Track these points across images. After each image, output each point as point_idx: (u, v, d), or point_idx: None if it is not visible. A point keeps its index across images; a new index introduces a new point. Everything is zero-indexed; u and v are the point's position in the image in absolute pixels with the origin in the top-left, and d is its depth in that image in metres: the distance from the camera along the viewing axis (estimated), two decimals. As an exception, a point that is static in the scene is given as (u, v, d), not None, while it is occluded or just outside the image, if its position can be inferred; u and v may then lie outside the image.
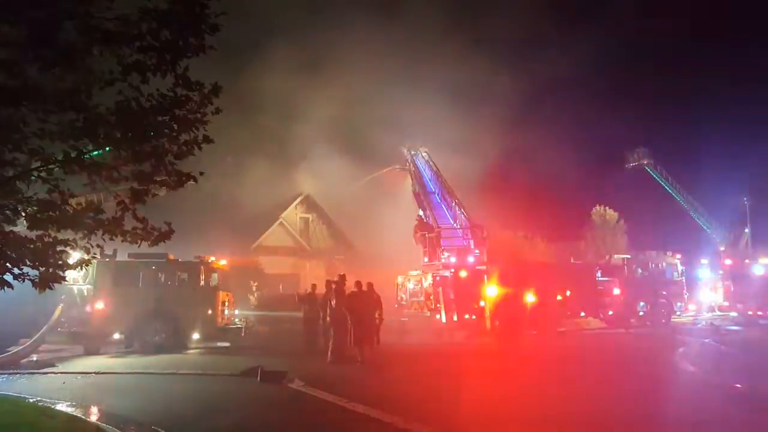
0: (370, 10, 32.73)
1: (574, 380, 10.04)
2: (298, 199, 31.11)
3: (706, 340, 15.51)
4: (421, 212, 20.90)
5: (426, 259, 19.12)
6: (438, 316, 16.92)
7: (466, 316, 16.85)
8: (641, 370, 11.16)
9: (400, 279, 19.37)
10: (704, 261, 25.12)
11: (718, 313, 23.66)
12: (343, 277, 12.66)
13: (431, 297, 17.41)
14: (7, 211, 5.67)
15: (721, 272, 24.21)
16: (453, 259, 17.80)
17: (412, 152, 25.55)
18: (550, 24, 54.11)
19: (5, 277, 5.64)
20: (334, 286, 13.28)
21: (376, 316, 12.30)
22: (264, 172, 27.49)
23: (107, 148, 6.12)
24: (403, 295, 19.01)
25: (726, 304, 23.10)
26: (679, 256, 22.10)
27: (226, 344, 15.41)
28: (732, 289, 22.84)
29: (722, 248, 29.71)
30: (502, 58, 42.07)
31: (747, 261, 23.65)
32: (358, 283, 12.38)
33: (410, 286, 18.89)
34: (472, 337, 16.80)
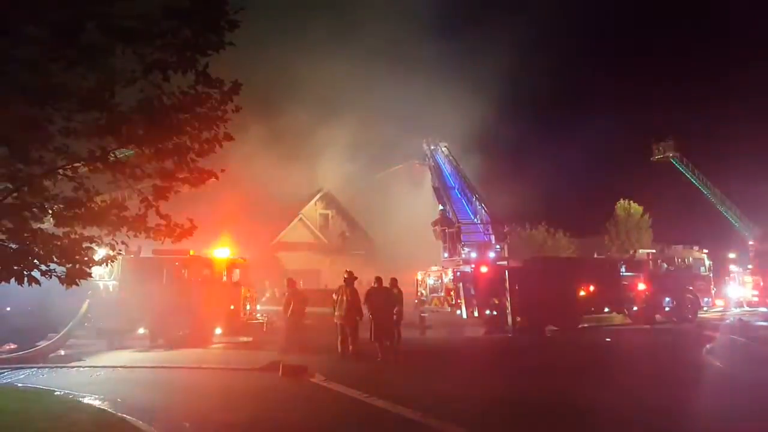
0: (383, 9, 32.55)
1: (597, 377, 9.89)
2: (318, 195, 31.26)
3: (734, 337, 15.12)
4: (441, 207, 20.77)
5: (446, 255, 19.02)
6: (458, 312, 16.82)
7: (487, 312, 16.73)
8: (666, 367, 10.94)
9: (420, 275, 19.31)
10: (732, 255, 24.50)
11: (747, 308, 23.08)
12: (351, 274, 12.50)
13: (452, 292, 17.31)
14: (35, 209, 5.79)
15: (749, 267, 23.60)
16: (473, 255, 17.66)
17: (432, 147, 25.39)
18: (574, 16, 53.25)
19: (33, 273, 5.77)
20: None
21: (395, 311, 12.24)
22: (284, 169, 27.67)
23: (131, 147, 6.21)
24: (423, 291, 18.95)
25: (755, 299, 22.51)
26: (706, 250, 21.59)
27: (249, 339, 15.56)
28: (761, 283, 22.25)
29: (751, 242, 28.94)
30: (524, 52, 41.63)
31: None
32: (378, 279, 12.34)
33: (430, 281, 18.81)
34: (493, 332, 16.67)
